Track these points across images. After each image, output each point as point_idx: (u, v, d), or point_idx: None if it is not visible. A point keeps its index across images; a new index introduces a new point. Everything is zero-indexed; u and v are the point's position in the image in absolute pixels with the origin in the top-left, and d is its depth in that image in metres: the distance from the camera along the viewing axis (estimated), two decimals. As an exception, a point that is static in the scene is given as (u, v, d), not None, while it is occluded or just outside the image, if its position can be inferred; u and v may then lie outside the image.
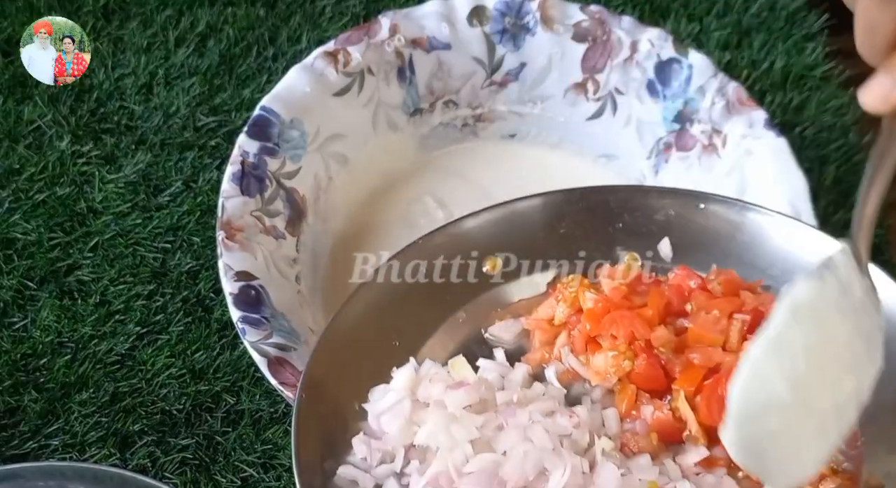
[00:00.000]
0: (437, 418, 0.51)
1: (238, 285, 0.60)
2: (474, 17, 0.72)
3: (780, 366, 0.47)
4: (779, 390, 0.46)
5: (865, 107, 0.46)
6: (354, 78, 0.70)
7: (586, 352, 0.56)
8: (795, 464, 0.48)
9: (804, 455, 0.48)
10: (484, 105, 0.75)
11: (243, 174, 0.64)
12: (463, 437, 0.50)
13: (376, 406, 0.53)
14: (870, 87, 0.45)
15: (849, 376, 0.48)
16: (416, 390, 0.53)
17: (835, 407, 0.48)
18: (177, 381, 0.63)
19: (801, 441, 0.48)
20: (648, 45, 0.71)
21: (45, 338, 0.65)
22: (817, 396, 0.47)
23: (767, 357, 0.47)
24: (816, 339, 0.47)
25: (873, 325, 0.49)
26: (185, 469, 0.61)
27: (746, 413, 0.47)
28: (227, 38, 0.79)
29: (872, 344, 0.48)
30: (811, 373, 0.47)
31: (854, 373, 0.48)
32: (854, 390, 0.48)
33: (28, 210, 0.70)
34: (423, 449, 0.51)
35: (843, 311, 0.47)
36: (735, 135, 0.68)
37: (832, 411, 0.48)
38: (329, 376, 0.54)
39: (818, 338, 0.47)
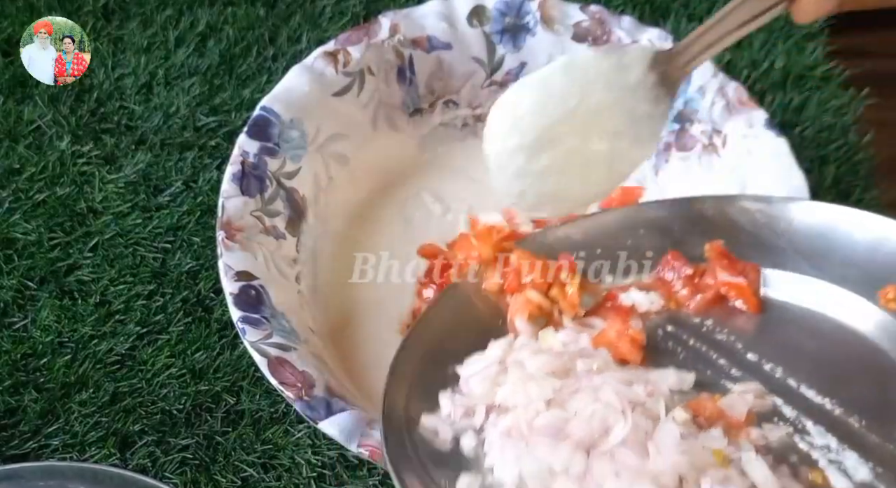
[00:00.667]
0: (516, 378, 0.53)
1: (238, 285, 0.60)
2: (474, 17, 0.72)
3: (534, 100, 0.56)
4: (527, 117, 0.56)
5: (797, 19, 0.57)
6: (354, 78, 0.70)
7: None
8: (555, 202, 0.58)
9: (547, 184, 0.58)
10: (484, 105, 0.75)
11: (243, 174, 0.64)
12: (538, 396, 0.52)
13: (467, 369, 0.56)
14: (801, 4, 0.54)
15: (601, 139, 0.57)
16: (507, 359, 0.55)
17: (589, 162, 0.57)
18: (177, 381, 0.64)
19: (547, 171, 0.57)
20: (648, 45, 0.71)
21: (45, 338, 0.65)
22: (560, 137, 0.56)
23: (524, 91, 0.56)
24: (574, 93, 0.56)
25: (646, 114, 0.57)
26: (185, 469, 0.61)
27: (500, 130, 0.56)
28: (227, 38, 0.79)
29: (641, 130, 0.58)
30: (562, 118, 0.56)
31: (609, 141, 0.57)
32: (605, 154, 0.57)
33: (28, 210, 0.70)
34: (502, 407, 0.53)
35: (609, 85, 0.56)
36: (735, 135, 0.68)
37: (588, 164, 0.57)
38: (435, 337, 0.58)
39: (576, 93, 0.56)
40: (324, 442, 0.61)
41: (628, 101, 0.57)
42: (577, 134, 0.57)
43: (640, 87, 0.57)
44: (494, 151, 0.57)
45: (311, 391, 0.57)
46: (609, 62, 0.56)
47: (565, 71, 0.56)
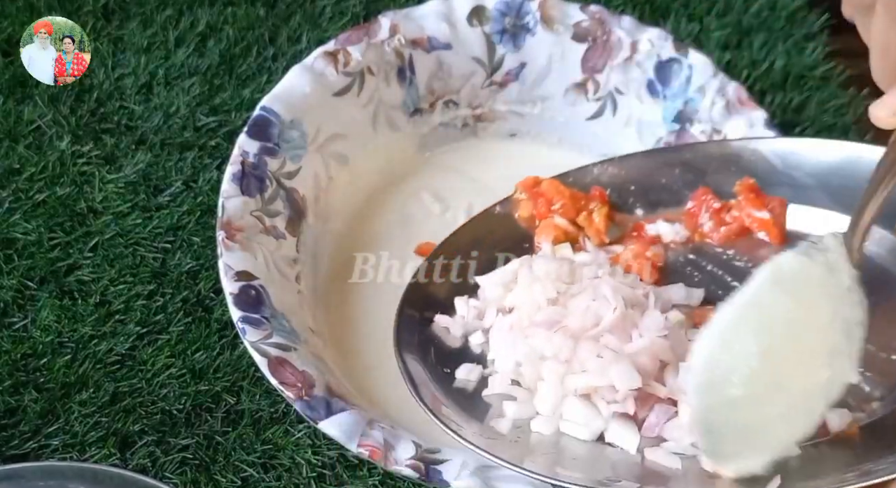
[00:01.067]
0: (524, 280, 0.57)
1: (238, 285, 0.60)
2: (474, 17, 0.72)
3: (753, 331, 0.45)
4: (748, 356, 0.45)
5: (876, 122, 0.46)
6: (354, 78, 0.70)
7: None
8: (752, 446, 0.46)
9: (764, 438, 0.46)
10: (484, 105, 0.75)
11: (243, 174, 0.64)
12: (541, 296, 0.55)
13: (485, 278, 0.60)
14: (883, 102, 0.46)
15: (824, 364, 0.46)
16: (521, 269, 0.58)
17: (804, 394, 0.46)
18: (177, 381, 0.63)
19: (764, 421, 0.46)
20: (648, 45, 0.71)
21: (45, 337, 0.65)
22: (789, 375, 0.45)
23: (740, 319, 0.45)
24: (796, 313, 0.45)
25: (856, 321, 0.47)
26: (185, 469, 0.61)
27: (710, 378, 0.45)
28: (227, 38, 0.79)
29: (850, 339, 0.47)
30: (785, 348, 0.45)
31: (829, 364, 0.46)
32: (827, 382, 0.46)
33: (28, 210, 0.70)
34: (508, 308, 0.58)
35: (827, 294, 0.46)
36: (735, 134, 0.68)
37: (801, 396, 0.46)
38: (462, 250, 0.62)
39: (798, 313, 0.45)
40: (324, 442, 0.61)
41: (842, 309, 0.47)
42: (802, 365, 0.46)
43: (852, 288, 0.47)
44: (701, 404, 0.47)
45: (311, 391, 0.57)
46: (818, 266, 0.47)
47: (778, 283, 0.46)
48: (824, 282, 0.46)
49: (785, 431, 0.46)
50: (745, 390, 0.45)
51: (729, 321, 0.46)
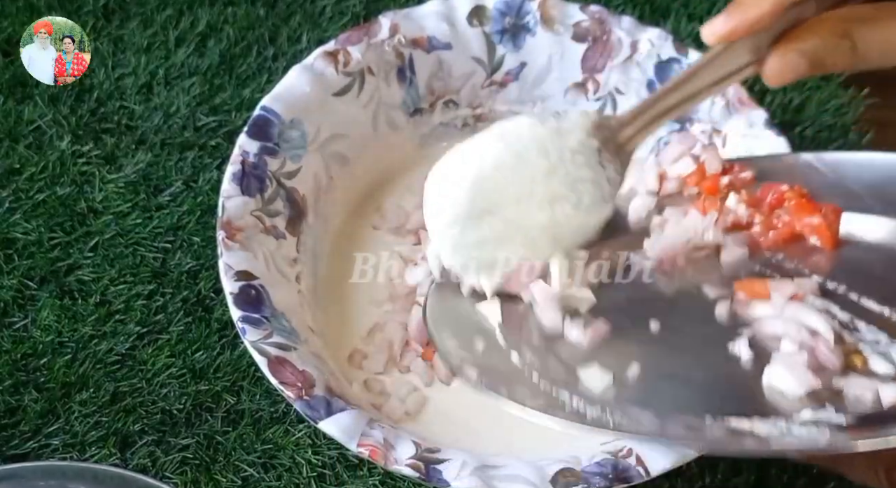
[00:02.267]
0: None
1: (238, 285, 0.60)
2: (474, 17, 0.72)
3: (467, 169, 0.55)
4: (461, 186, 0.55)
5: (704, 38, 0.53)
6: (354, 78, 0.70)
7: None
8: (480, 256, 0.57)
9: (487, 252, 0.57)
10: (484, 105, 0.75)
11: (243, 174, 0.64)
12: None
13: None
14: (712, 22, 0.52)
15: (540, 207, 0.56)
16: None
17: (519, 226, 0.56)
18: (177, 381, 0.64)
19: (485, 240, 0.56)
20: (648, 45, 0.71)
21: (46, 337, 0.65)
22: (497, 207, 0.56)
23: (456, 160, 0.56)
24: (508, 160, 0.55)
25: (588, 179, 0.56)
26: (185, 468, 0.61)
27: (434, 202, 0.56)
28: (228, 38, 0.79)
29: (584, 195, 0.57)
30: (497, 186, 0.55)
31: (548, 208, 0.56)
32: (545, 222, 0.56)
33: (28, 210, 0.70)
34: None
35: (545, 152, 0.55)
36: (735, 134, 0.68)
37: (516, 228, 0.56)
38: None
39: (510, 161, 0.55)
40: (324, 442, 0.62)
41: (567, 165, 0.56)
42: (514, 202, 0.56)
43: (579, 152, 0.56)
44: (431, 224, 0.57)
45: (311, 391, 0.57)
46: (546, 128, 0.56)
47: (500, 138, 0.56)
48: (547, 143, 0.56)
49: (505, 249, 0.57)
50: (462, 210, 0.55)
51: (451, 166, 0.56)
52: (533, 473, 0.55)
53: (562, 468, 0.55)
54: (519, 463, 0.56)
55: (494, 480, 0.54)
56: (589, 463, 0.55)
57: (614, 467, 0.54)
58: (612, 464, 0.54)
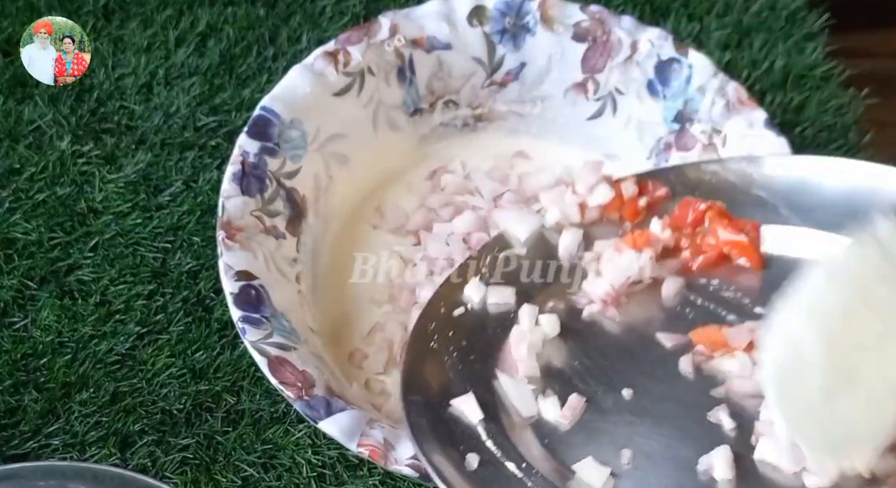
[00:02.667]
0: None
1: (238, 285, 0.60)
2: (474, 17, 0.72)
3: (814, 329, 0.45)
4: (814, 354, 0.45)
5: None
6: (354, 78, 0.70)
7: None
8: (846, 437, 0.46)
9: (854, 427, 0.46)
10: (484, 105, 0.75)
11: (243, 174, 0.64)
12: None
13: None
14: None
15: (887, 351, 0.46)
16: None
17: (884, 379, 0.46)
18: (177, 381, 0.64)
19: (849, 412, 0.46)
20: (648, 45, 0.71)
21: (46, 337, 0.65)
22: (859, 363, 0.46)
23: (800, 319, 0.46)
24: (854, 302, 0.46)
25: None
26: (185, 468, 0.61)
27: (783, 380, 0.46)
28: (228, 38, 0.79)
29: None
30: (850, 337, 0.45)
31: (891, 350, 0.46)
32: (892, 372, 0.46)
33: (28, 210, 0.70)
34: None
35: (884, 277, 0.46)
36: (735, 134, 0.68)
37: (881, 382, 0.46)
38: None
39: (856, 301, 0.46)
40: (324, 442, 0.62)
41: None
42: (871, 351, 0.47)
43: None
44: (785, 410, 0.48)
45: (311, 391, 0.57)
46: (870, 251, 0.48)
47: (832, 279, 0.47)
48: (881, 266, 0.46)
49: (871, 422, 0.46)
50: (820, 388, 0.46)
51: (789, 323, 0.47)
52: (533, 473, 0.55)
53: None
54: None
55: (494, 480, 0.54)
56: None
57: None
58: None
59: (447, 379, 0.56)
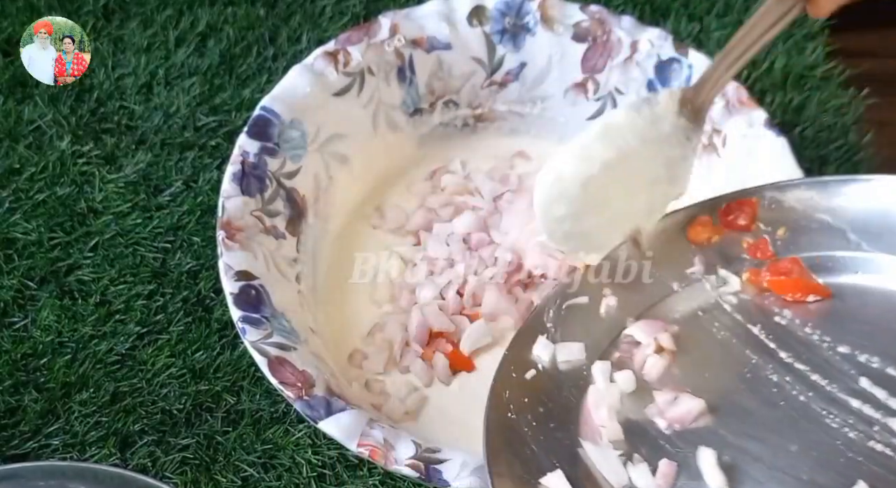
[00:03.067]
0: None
1: (238, 285, 0.60)
2: (474, 17, 0.72)
3: (577, 170, 0.57)
4: (573, 187, 0.57)
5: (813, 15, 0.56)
6: (354, 78, 0.70)
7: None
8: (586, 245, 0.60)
9: (595, 239, 0.60)
10: (484, 105, 0.75)
11: (243, 174, 0.64)
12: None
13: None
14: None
15: (642, 191, 0.59)
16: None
17: (624, 211, 0.59)
18: (177, 381, 0.63)
19: (591, 229, 0.59)
20: (648, 45, 0.71)
21: (46, 337, 0.65)
22: (607, 198, 0.58)
23: (567, 161, 0.58)
24: (615, 155, 0.57)
25: (675, 156, 0.59)
26: (185, 468, 0.61)
27: (549, 195, 0.58)
28: (228, 38, 0.79)
29: (677, 171, 0.60)
30: (604, 180, 0.57)
31: (648, 190, 0.59)
32: (645, 202, 0.60)
33: (28, 210, 0.70)
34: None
35: (646, 139, 0.58)
36: (735, 134, 0.68)
37: (622, 212, 0.59)
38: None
39: (617, 155, 0.57)
40: (324, 442, 0.61)
41: (664, 149, 0.59)
42: (620, 192, 0.59)
43: (672, 134, 0.59)
44: (543, 219, 0.59)
45: (311, 391, 0.57)
46: (642, 118, 0.58)
47: (604, 136, 0.58)
48: (647, 131, 0.58)
49: (607, 236, 0.60)
50: (570, 210, 0.58)
51: (559, 161, 0.58)
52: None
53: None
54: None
55: (494, 480, 0.54)
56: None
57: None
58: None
59: (531, 452, 0.53)
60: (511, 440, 0.53)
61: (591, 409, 0.55)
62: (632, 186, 0.59)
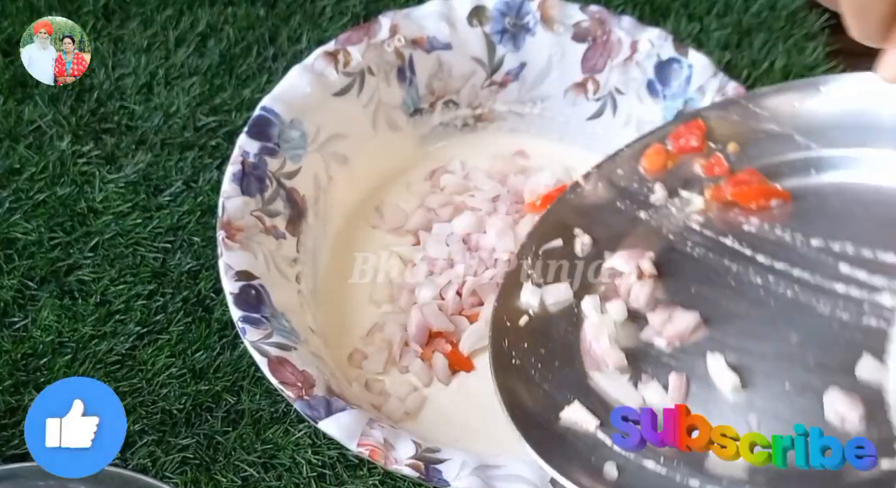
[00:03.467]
0: None
1: (238, 285, 0.60)
2: (474, 17, 0.72)
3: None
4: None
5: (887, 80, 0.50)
6: (354, 78, 0.70)
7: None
8: None
9: None
10: (484, 105, 0.75)
11: (244, 174, 0.64)
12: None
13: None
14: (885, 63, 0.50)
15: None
16: None
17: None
18: (177, 381, 0.64)
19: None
20: (648, 45, 0.71)
21: (46, 337, 0.65)
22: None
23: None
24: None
25: None
26: (185, 468, 0.61)
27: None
28: (228, 38, 0.79)
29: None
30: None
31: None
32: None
33: (28, 210, 0.70)
34: None
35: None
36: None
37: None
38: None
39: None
40: (324, 442, 0.62)
41: None
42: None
43: None
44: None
45: (311, 390, 0.57)
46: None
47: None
48: None
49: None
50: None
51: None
52: (533, 473, 0.55)
53: (562, 468, 0.55)
54: (519, 463, 0.56)
55: (494, 480, 0.54)
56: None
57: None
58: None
59: (544, 392, 0.55)
60: (521, 386, 0.55)
61: (591, 342, 0.57)
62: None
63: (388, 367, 0.65)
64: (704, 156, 0.63)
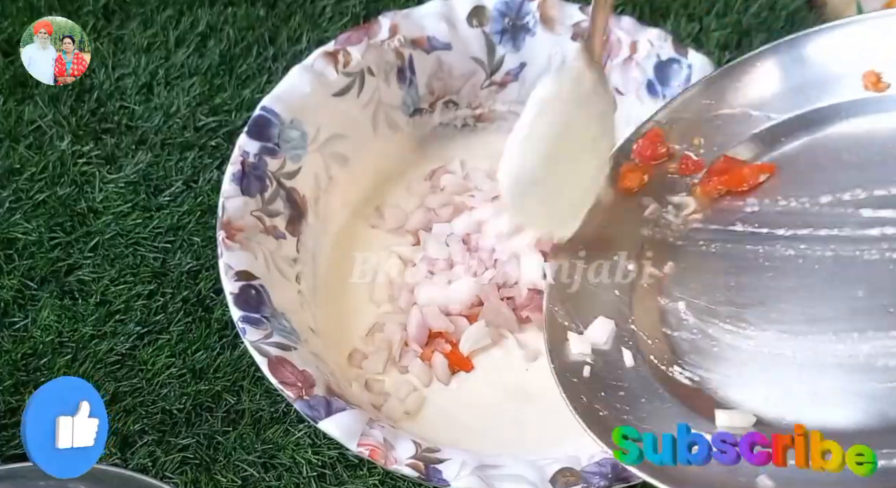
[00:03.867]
0: None
1: (238, 285, 0.60)
2: (474, 17, 0.72)
3: (533, 150, 0.58)
4: (531, 172, 0.58)
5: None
6: (354, 78, 0.70)
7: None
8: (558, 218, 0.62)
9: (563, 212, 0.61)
10: (484, 105, 0.75)
11: (244, 174, 0.64)
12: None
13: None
14: None
15: (590, 150, 0.60)
16: None
17: (582, 177, 0.60)
18: (177, 381, 0.64)
19: (559, 203, 0.60)
20: (648, 45, 0.71)
21: (46, 337, 0.65)
22: (566, 171, 0.59)
23: (523, 144, 0.58)
24: (558, 126, 0.58)
25: (603, 109, 0.60)
26: (185, 468, 0.61)
27: (514, 186, 0.59)
28: (228, 38, 0.79)
29: (604, 124, 0.60)
30: (559, 152, 0.58)
31: (593, 151, 0.60)
32: (596, 164, 0.61)
33: (28, 210, 0.70)
34: None
35: (576, 101, 0.59)
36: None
37: (581, 181, 0.60)
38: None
39: (560, 125, 0.58)
40: (324, 442, 0.62)
41: (592, 105, 0.60)
42: (572, 159, 0.60)
43: (592, 87, 0.60)
44: (514, 209, 0.62)
45: (311, 390, 0.57)
46: (567, 82, 0.59)
47: (541, 112, 0.58)
48: (574, 93, 0.59)
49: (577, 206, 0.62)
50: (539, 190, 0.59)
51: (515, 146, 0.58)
52: (533, 473, 0.55)
53: (561, 468, 0.55)
54: (519, 463, 0.56)
55: (494, 480, 0.54)
56: (588, 462, 0.55)
57: (614, 467, 0.54)
58: (611, 464, 0.54)
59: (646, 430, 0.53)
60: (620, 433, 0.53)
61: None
62: (579, 150, 0.60)
63: (387, 367, 0.65)
64: (675, 159, 0.64)
